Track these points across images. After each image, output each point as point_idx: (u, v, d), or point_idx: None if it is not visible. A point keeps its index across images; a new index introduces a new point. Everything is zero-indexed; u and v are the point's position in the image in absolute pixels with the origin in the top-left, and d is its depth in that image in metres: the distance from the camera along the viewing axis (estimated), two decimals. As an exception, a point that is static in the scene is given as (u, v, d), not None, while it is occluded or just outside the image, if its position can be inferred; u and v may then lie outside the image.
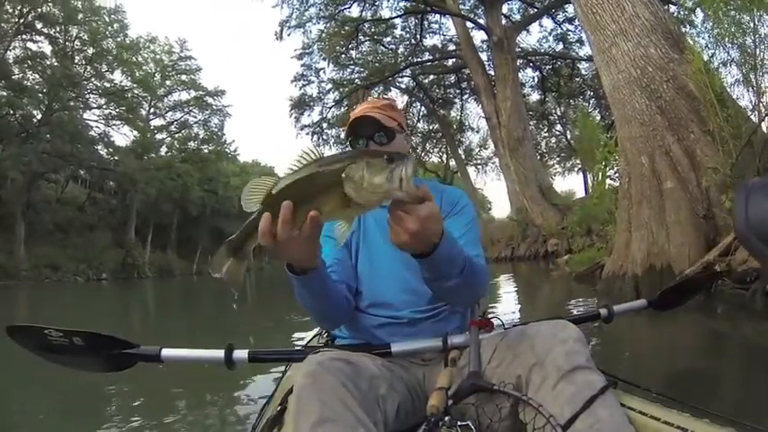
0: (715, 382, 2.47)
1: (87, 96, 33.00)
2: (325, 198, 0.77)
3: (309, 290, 1.04)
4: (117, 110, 34.24)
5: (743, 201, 0.58)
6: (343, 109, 24.61)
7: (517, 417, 0.93)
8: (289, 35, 23.15)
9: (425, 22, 24.11)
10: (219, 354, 1.28)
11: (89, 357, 1.37)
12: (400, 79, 26.07)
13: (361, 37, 23.54)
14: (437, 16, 23.42)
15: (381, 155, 0.75)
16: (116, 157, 35.05)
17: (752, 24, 5.32)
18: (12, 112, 27.99)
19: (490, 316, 1.23)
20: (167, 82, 39.65)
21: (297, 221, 0.78)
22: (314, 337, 1.88)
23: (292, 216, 0.77)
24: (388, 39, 25.21)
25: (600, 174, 11.70)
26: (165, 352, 1.32)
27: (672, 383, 2.43)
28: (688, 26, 12.44)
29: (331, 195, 0.77)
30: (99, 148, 35.04)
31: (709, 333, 3.91)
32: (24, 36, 29.57)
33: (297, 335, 4.45)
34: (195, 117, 41.18)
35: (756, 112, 5.51)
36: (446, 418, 0.86)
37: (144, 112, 37.81)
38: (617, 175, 10.39)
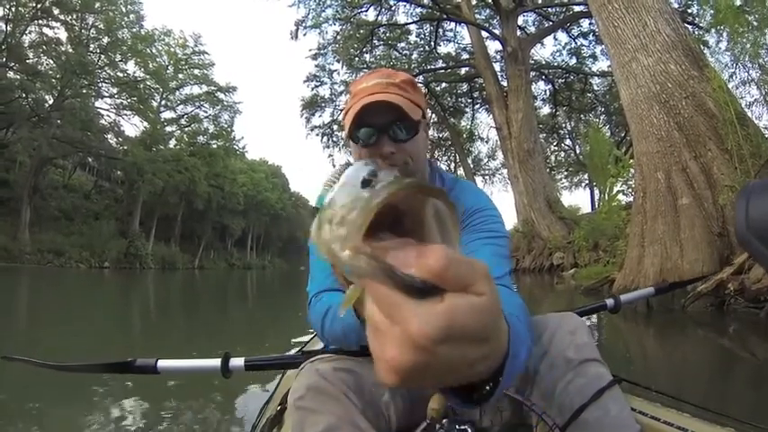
0: (720, 394, 2.48)
1: (100, 85, 33.23)
2: None
3: (354, 335, 0.90)
4: (128, 100, 34.44)
5: (744, 202, 0.57)
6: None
7: (521, 415, 0.92)
8: (304, 35, 23.29)
9: (440, 30, 24.22)
10: (216, 363, 1.28)
11: (87, 372, 1.39)
12: (412, 85, 26.10)
13: (375, 41, 23.65)
14: (452, 24, 23.55)
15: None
16: (125, 147, 35.22)
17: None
18: (24, 95, 28.13)
19: None
20: (180, 75, 39.87)
21: None
22: (312, 338, 1.86)
23: None
24: (403, 44, 25.32)
25: (610, 188, 11.70)
26: (162, 363, 1.30)
27: (676, 393, 2.42)
28: (703, 47, 12.48)
29: None
30: (109, 137, 35.28)
31: (719, 350, 3.88)
32: (41, 21, 29.78)
33: (296, 333, 4.45)
34: (206, 112, 41.46)
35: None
36: (444, 421, 0.84)
37: (155, 104, 38.02)
38: (629, 190, 10.39)
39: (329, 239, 0.37)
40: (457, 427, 0.84)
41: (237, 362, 1.28)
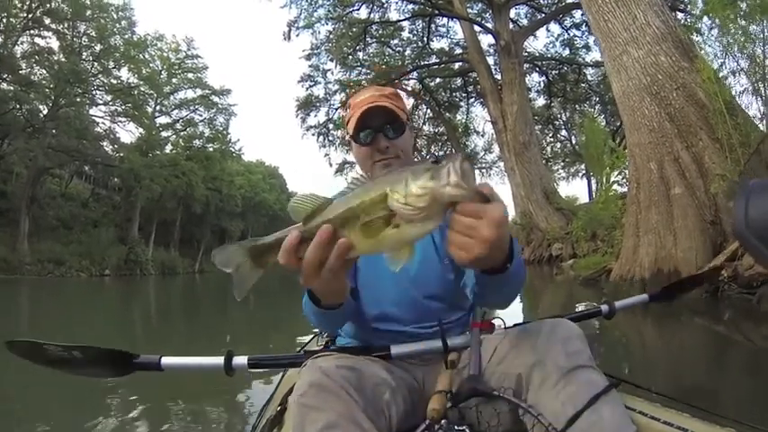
0: (718, 385, 2.51)
1: (94, 93, 33.11)
2: (370, 220, 0.68)
3: (328, 320, 1.03)
4: (123, 107, 34.35)
5: (743, 201, 0.58)
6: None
7: (516, 420, 0.93)
8: (297, 36, 23.27)
9: (433, 26, 24.21)
10: (219, 361, 1.29)
11: (90, 368, 1.38)
12: (407, 82, 26.16)
13: (368, 39, 23.64)
14: (445, 20, 23.52)
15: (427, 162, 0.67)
16: (121, 154, 35.17)
17: (762, 35, 5.40)
18: (18, 106, 28.01)
19: (492, 318, 1.21)
20: (174, 80, 39.75)
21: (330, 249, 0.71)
22: (312, 338, 1.88)
23: (329, 242, 0.70)
24: (396, 41, 25.29)
25: (606, 179, 11.78)
26: (165, 360, 1.32)
27: (675, 387, 2.46)
28: (695, 33, 12.52)
29: (375, 215, 0.67)
30: (104, 144, 35.23)
31: (715, 338, 3.96)
32: (32, 31, 29.69)
33: (296, 334, 4.49)
34: (201, 115, 41.29)
35: (765, 121, 5.60)
36: (443, 422, 0.87)
37: (150, 110, 37.92)
38: (624, 180, 10.47)
39: (435, 186, 0.63)
40: (456, 427, 0.87)
41: (241, 360, 1.28)
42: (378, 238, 0.68)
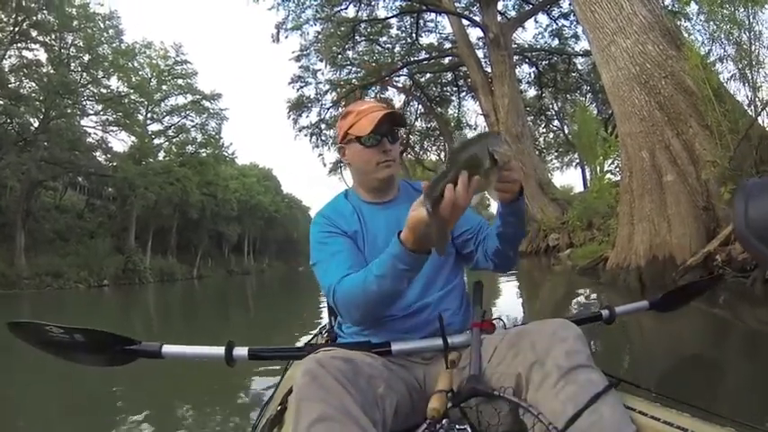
0: (717, 376, 2.53)
1: (84, 103, 32.78)
2: (483, 165, 0.91)
3: (412, 276, 1.07)
4: (114, 116, 34.01)
5: (742, 202, 0.58)
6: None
7: (517, 419, 0.94)
8: (286, 37, 23.23)
9: (421, 21, 24.18)
10: (220, 351, 1.29)
11: (91, 353, 1.39)
12: (397, 78, 26.19)
13: (357, 37, 23.62)
14: (433, 15, 23.49)
15: (498, 133, 0.97)
16: (114, 163, 34.97)
17: (747, 22, 5.46)
18: (9, 120, 27.86)
19: (492, 318, 1.25)
20: (164, 87, 39.43)
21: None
22: (314, 336, 1.91)
23: (470, 182, 0.89)
24: (385, 38, 25.27)
25: (599, 168, 11.87)
26: (166, 348, 1.35)
27: (673, 378, 2.50)
28: (683, 19, 12.58)
29: (485, 163, 0.91)
30: (97, 154, 34.99)
31: (712, 322, 4.01)
32: (19, 44, 29.45)
33: (297, 335, 4.52)
34: (192, 121, 40.88)
35: (753, 107, 5.66)
36: (444, 422, 0.88)
37: (141, 118, 37.66)
38: (617, 169, 10.55)
39: (511, 150, 0.94)
40: (457, 427, 0.90)
41: (241, 351, 1.29)
42: (489, 178, 0.93)
